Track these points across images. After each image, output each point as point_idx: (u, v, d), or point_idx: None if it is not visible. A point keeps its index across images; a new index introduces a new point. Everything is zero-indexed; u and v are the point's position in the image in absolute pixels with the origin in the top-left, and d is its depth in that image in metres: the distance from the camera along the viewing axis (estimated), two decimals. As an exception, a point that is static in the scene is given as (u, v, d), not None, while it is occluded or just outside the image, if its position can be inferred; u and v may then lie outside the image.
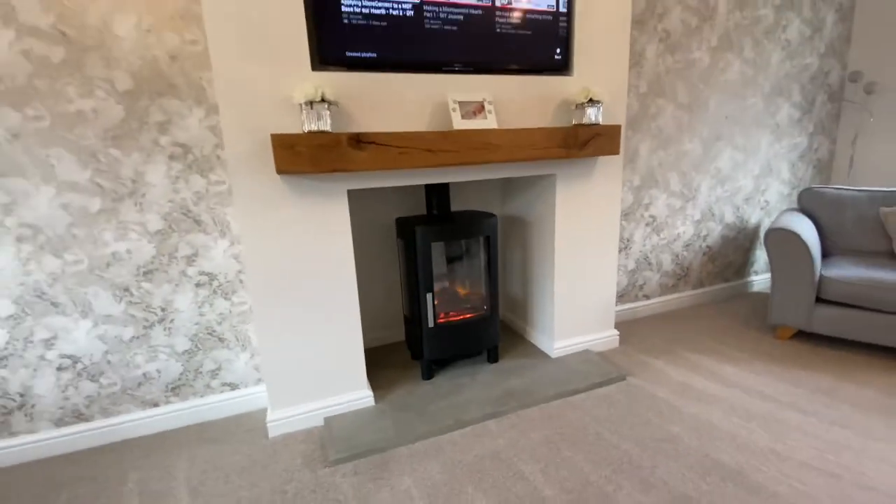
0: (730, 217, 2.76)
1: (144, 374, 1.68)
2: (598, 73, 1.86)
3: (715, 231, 2.74)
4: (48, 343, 1.55)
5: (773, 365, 2.03)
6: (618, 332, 2.24)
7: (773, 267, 2.21)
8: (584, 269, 2.07)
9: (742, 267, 2.94)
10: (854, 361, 2.02)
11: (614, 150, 1.83)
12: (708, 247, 2.75)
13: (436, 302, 1.89)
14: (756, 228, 2.90)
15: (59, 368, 1.58)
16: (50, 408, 1.59)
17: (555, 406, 1.76)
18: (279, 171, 1.36)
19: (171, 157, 1.56)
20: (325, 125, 1.39)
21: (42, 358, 1.55)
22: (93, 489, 1.44)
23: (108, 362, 1.63)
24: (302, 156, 1.36)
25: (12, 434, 1.57)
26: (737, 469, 1.40)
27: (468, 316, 1.98)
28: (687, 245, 2.67)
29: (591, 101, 1.73)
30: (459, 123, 1.58)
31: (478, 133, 1.57)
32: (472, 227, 1.86)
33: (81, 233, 1.51)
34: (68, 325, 1.55)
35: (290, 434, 1.65)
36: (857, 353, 2.10)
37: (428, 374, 1.93)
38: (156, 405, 1.72)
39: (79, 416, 1.63)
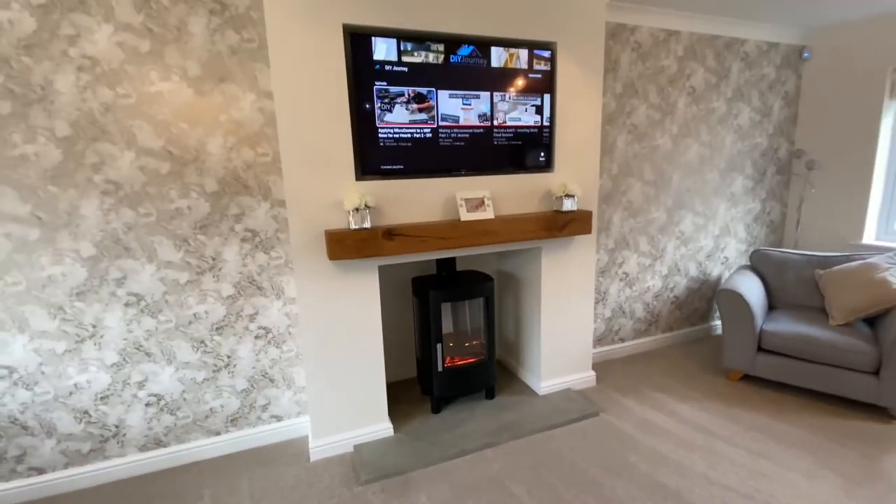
0: (694, 271, 3.23)
1: (211, 409, 2.10)
2: (575, 169, 2.34)
3: (681, 283, 3.20)
4: (140, 384, 1.97)
5: (720, 404, 2.46)
6: (594, 373, 2.68)
7: (723, 320, 2.67)
8: (565, 319, 2.51)
9: (706, 313, 3.39)
10: (789, 403, 2.46)
11: (587, 231, 2.30)
12: (675, 297, 3.20)
13: (443, 348, 2.32)
14: (717, 280, 3.37)
15: (147, 405, 2.00)
16: (137, 436, 2.01)
17: (539, 438, 2.18)
18: (331, 258, 1.82)
19: (243, 240, 2.02)
20: (366, 223, 1.85)
21: (135, 396, 1.98)
22: (177, 502, 1.84)
23: (185, 399, 2.05)
24: (348, 247, 1.83)
25: (106, 457, 1.98)
26: (676, 491, 1.82)
27: (470, 361, 2.41)
28: (656, 296, 3.12)
29: (568, 195, 2.21)
30: (465, 216, 2.05)
31: (479, 223, 2.04)
32: (474, 289, 2.32)
33: (172, 299, 1.96)
34: (157, 370, 1.99)
35: (327, 458, 2.07)
36: (793, 395, 2.53)
37: (437, 409, 2.35)
38: (218, 433, 2.14)
39: (158, 443, 2.05)
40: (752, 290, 2.68)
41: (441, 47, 1.95)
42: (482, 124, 2.09)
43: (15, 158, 1.68)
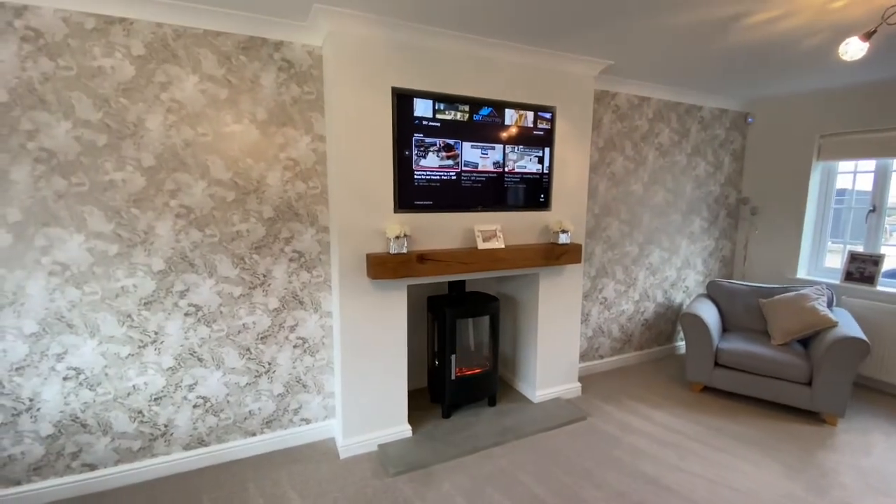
0: (660, 298, 3.73)
1: (250, 411, 2.34)
2: (568, 208, 2.80)
3: (650, 308, 3.69)
4: (191, 387, 2.20)
5: (685, 410, 2.90)
6: (580, 384, 3.07)
7: (686, 339, 3.15)
8: (557, 337, 2.91)
9: (671, 334, 3.89)
10: (741, 409, 2.93)
11: (578, 261, 2.74)
12: (645, 319, 3.69)
13: (456, 360, 2.66)
14: (680, 306, 3.89)
15: (195, 406, 2.22)
16: (183, 435, 2.21)
17: (538, 438, 2.53)
18: (372, 278, 2.15)
19: (290, 260, 2.32)
20: (403, 249, 2.21)
21: (185, 398, 2.19)
22: (225, 495, 2.06)
23: (228, 402, 2.28)
24: (388, 268, 2.17)
25: (154, 455, 2.17)
26: (654, 477, 2.21)
27: (477, 371, 2.76)
28: (630, 318, 3.59)
29: (563, 230, 2.65)
30: (481, 245, 2.44)
31: (492, 251, 2.43)
32: (483, 308, 2.69)
33: (226, 310, 2.22)
34: (206, 374, 2.22)
35: (356, 456, 2.33)
36: (743, 403, 3.01)
37: (447, 414, 2.67)
38: (254, 434, 2.36)
39: (201, 442, 2.26)
40: (709, 314, 3.18)
41: (467, 107, 2.38)
42: (496, 170, 2.51)
43: (104, 183, 1.95)
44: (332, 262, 2.25)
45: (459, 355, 2.80)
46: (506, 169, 2.55)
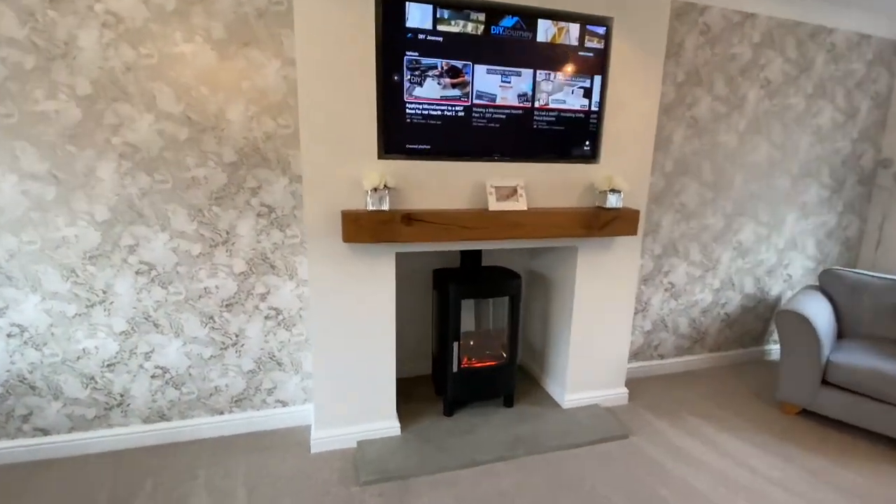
0: (750, 287, 2.89)
1: (216, 387, 2.04)
2: (623, 162, 2.10)
3: (734, 300, 2.87)
4: (147, 355, 1.93)
5: (770, 439, 2.15)
6: (627, 391, 2.43)
7: (783, 345, 2.34)
8: (599, 328, 2.28)
9: (760, 335, 3.04)
10: (853, 446, 2.12)
11: (632, 232, 2.05)
12: (726, 314, 2.88)
13: (460, 348, 2.15)
14: (777, 299, 3.00)
15: (153, 377, 1.95)
16: (141, 407, 1.97)
17: (559, 456, 1.97)
18: (346, 240, 1.68)
19: (259, 215, 1.92)
20: (384, 205, 1.70)
21: (141, 367, 1.93)
22: (171, 479, 1.78)
23: (190, 374, 1.99)
24: (364, 229, 1.68)
25: (110, 426, 1.95)
26: (714, 537, 1.58)
27: (489, 363, 2.23)
28: (705, 311, 2.81)
29: (613, 190, 1.97)
30: (494, 206, 1.86)
31: (509, 214, 1.84)
32: (499, 287, 2.13)
33: (184, 270, 1.89)
34: (164, 342, 1.93)
35: (328, 452, 1.95)
36: (859, 438, 2.19)
37: (449, 412, 2.19)
38: (221, 413, 2.07)
39: (162, 416, 2.00)
40: (819, 313, 2.34)
41: (482, 17, 1.76)
42: (522, 105, 1.88)
43: (35, 115, 1.65)
44: (304, 220, 1.81)
45: (467, 343, 2.28)
46: (536, 104, 1.91)
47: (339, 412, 1.96)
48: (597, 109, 1.99)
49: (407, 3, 1.67)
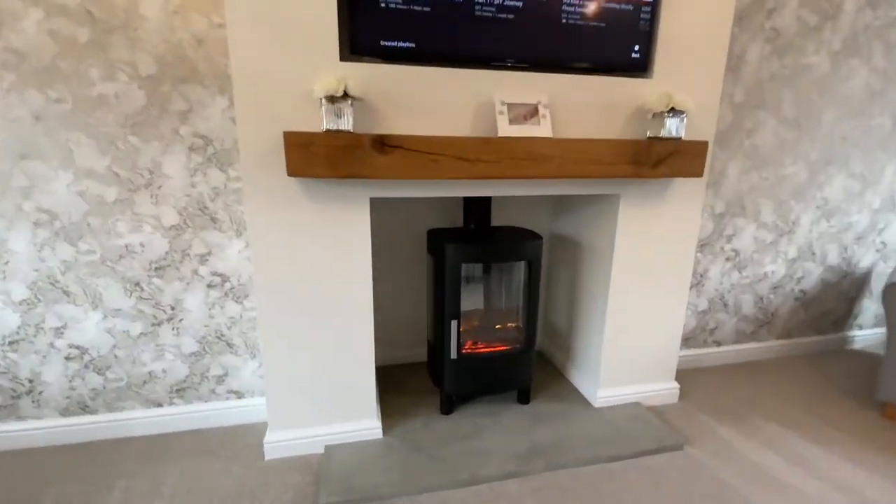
0: (834, 258, 2.28)
1: (150, 373, 1.61)
2: (685, 77, 1.53)
3: (813, 273, 2.27)
4: (58, 331, 1.50)
5: (879, 455, 1.60)
6: (678, 386, 1.89)
7: (891, 331, 1.76)
8: (644, 307, 1.74)
9: (843, 318, 2.44)
10: None
11: (696, 172, 1.49)
12: (802, 291, 2.29)
13: (462, 329, 1.66)
14: (866, 274, 2.39)
15: (68, 358, 1.53)
16: (56, 396, 1.56)
17: (590, 472, 1.47)
18: (291, 173, 1.19)
19: (191, 149, 1.45)
20: (347, 124, 1.20)
21: (52, 346, 1.51)
22: (81, 490, 1.37)
23: (115, 357, 1.56)
24: (318, 157, 1.19)
25: (20, 418, 1.55)
26: None
27: (499, 348, 1.73)
28: (775, 287, 2.23)
29: (673, 111, 1.41)
30: (506, 129, 1.33)
31: (526, 142, 1.32)
32: (512, 249, 1.61)
33: (96, 222, 1.44)
34: (78, 315, 1.50)
35: (286, 459, 1.50)
36: None
37: (447, 409, 1.71)
38: (159, 405, 1.65)
39: (84, 408, 1.59)
40: (946, 289, 1.74)
41: None
42: (544, -12, 1.33)
43: None
44: (239, 148, 1.32)
45: (471, 323, 1.79)
46: (564, -12, 1.35)
47: (301, 409, 1.51)
48: (650, 2, 1.42)
49: None
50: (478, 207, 1.70)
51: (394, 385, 1.90)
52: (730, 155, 1.96)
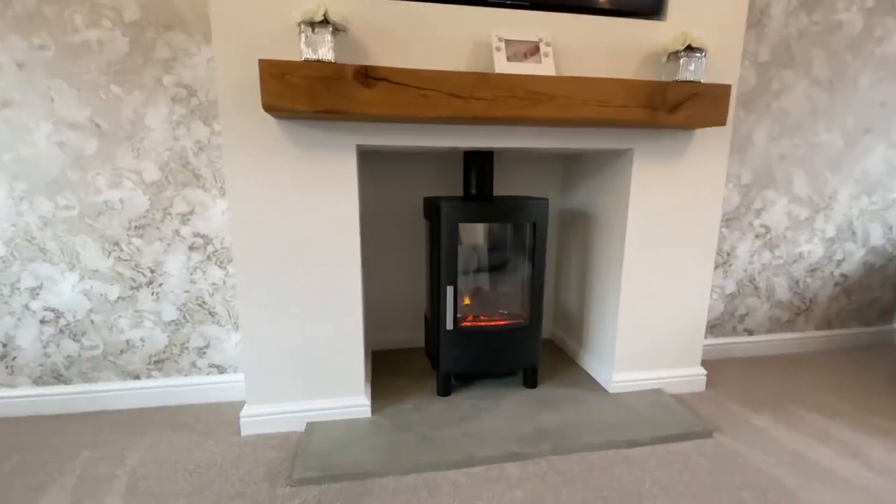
0: (878, 238, 2.06)
1: (128, 342, 1.51)
2: (703, 19, 1.40)
3: (854, 255, 2.05)
4: (34, 292, 1.43)
5: (952, 451, 1.36)
6: (704, 372, 1.69)
7: (956, 308, 1.54)
8: (663, 283, 1.57)
9: (891, 307, 2.19)
10: None
11: (719, 120, 1.35)
12: (842, 275, 2.07)
13: (462, 304, 1.52)
14: (917, 259, 2.15)
15: (43, 321, 1.45)
16: (31, 363, 1.47)
17: (603, 457, 1.29)
18: (267, 107, 1.10)
19: (174, 100, 1.39)
20: (328, 54, 1.11)
21: (27, 307, 1.44)
22: (42, 460, 1.26)
23: (92, 322, 1.48)
24: (296, 89, 1.10)
25: (-6, 386, 1.47)
26: None
27: (501, 323, 1.58)
28: (812, 270, 2.02)
29: (691, 49, 1.28)
30: (504, 66, 1.22)
31: (527, 79, 1.20)
32: (515, 210, 1.48)
33: (76, 176, 1.38)
34: (55, 275, 1.43)
35: (263, 435, 1.37)
36: None
37: (445, 390, 1.55)
38: (137, 377, 1.54)
39: (58, 377, 1.50)
40: None
41: None
42: (545, -83, 1.24)
43: None
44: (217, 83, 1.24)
45: (471, 293, 1.65)
46: (567, -82, 1.25)
47: (281, 383, 1.38)
48: (663, -65, 1.31)
49: None
50: (479, 170, 1.58)
51: (390, 368, 1.76)
52: (756, 118, 1.80)
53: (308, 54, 1.10)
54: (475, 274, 1.72)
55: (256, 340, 1.34)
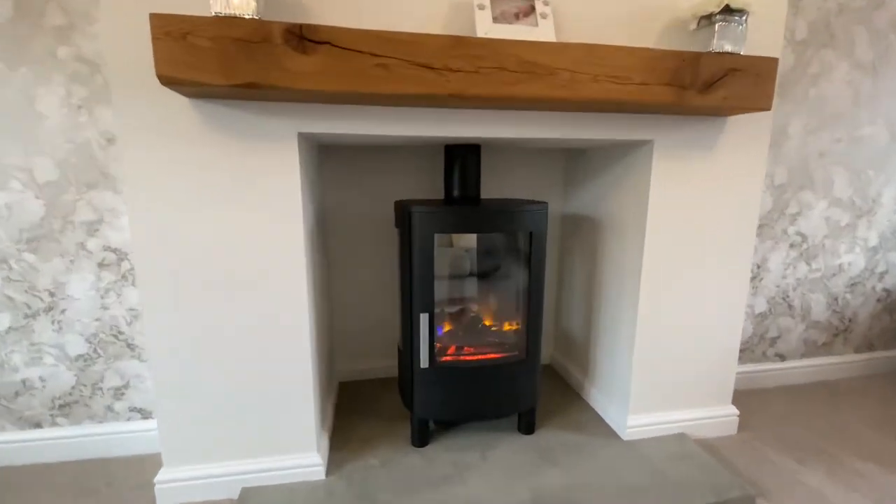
0: (928, 248, 1.79)
1: (24, 382, 1.21)
2: (740, -22, 1.12)
3: (901, 268, 1.78)
4: None
5: None
6: (737, 413, 1.40)
7: None
8: (690, 304, 1.28)
9: (940, 328, 1.91)
10: None
11: (762, 103, 1.06)
12: (885, 290, 1.79)
13: (446, 328, 1.23)
14: (970, 270, 1.87)
15: (-90, 360, 1.15)
16: None
17: (622, 538, 0.99)
18: (164, 79, 0.80)
19: (73, 78, 1.09)
20: (248, 8, 0.82)
21: None
22: None
23: (-25, 360, 1.18)
24: (204, 55, 0.80)
25: None
26: None
27: (491, 356, 1.28)
28: (852, 284, 1.74)
29: (729, 11, 1.00)
30: (489, 28, 0.93)
31: (519, 47, 0.91)
32: (507, 217, 1.19)
33: (-55, 175, 1.08)
34: (-77, 301, 1.13)
35: (185, 508, 1.07)
36: None
37: (420, 440, 1.25)
38: (38, 425, 1.24)
39: (-65, 429, 1.19)
40: None
41: None
42: None
43: None
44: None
45: (453, 319, 1.36)
46: None
47: (208, 438, 1.08)
48: None
49: None
50: (462, 167, 1.29)
51: (358, 405, 1.46)
52: (791, 108, 1.52)
53: (219, 7, 0.81)
54: (459, 290, 1.43)
55: (171, 386, 1.04)
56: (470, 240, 1.45)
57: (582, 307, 1.56)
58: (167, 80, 0.81)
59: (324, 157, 1.45)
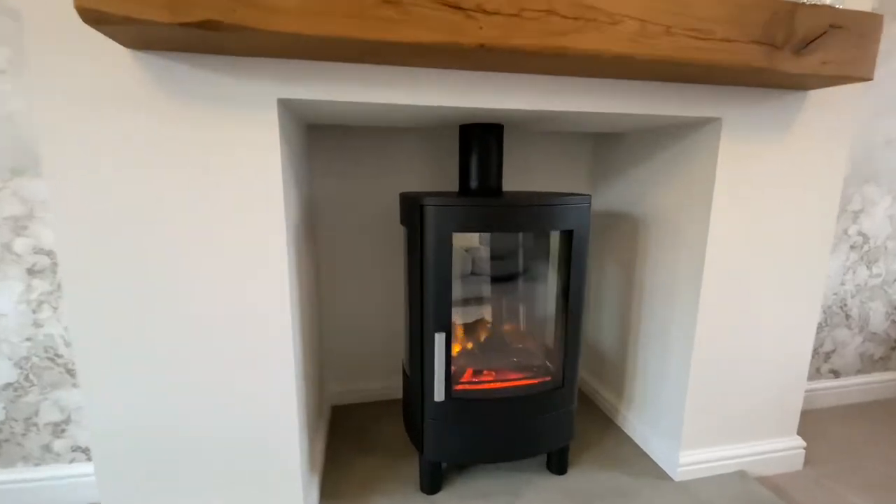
0: None
1: (-66, 419, 0.96)
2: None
3: (967, 273, 1.58)
4: None
5: None
6: (803, 444, 1.19)
7: None
8: (755, 320, 1.07)
9: None
10: None
11: (863, 71, 0.85)
12: (949, 299, 1.59)
13: (459, 344, 1.01)
14: None
15: None
16: None
17: None
18: (85, 14, 0.57)
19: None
20: (207, -86, 0.58)
21: None
22: None
23: None
24: (142, -20, 0.57)
25: None
26: None
27: (519, 383, 1.06)
28: (915, 292, 1.54)
29: (835, -51, 0.78)
30: (531, -38, 0.70)
31: (569, -13, 0.68)
32: (542, 212, 0.96)
33: None
34: None
35: (131, 587, 0.83)
36: None
37: (432, 485, 1.03)
38: (-45, 473, 0.99)
39: None
40: None
41: None
42: None
43: None
44: None
45: (469, 337, 1.13)
46: None
47: (164, 485, 0.84)
48: None
49: None
50: (481, 152, 1.06)
51: (355, 435, 1.23)
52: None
53: (164, -90, 0.57)
54: (475, 298, 1.21)
55: (111, 422, 0.80)
56: (484, 239, 1.23)
57: (615, 320, 1.34)
58: (91, 17, 0.57)
59: (312, 139, 1.22)
